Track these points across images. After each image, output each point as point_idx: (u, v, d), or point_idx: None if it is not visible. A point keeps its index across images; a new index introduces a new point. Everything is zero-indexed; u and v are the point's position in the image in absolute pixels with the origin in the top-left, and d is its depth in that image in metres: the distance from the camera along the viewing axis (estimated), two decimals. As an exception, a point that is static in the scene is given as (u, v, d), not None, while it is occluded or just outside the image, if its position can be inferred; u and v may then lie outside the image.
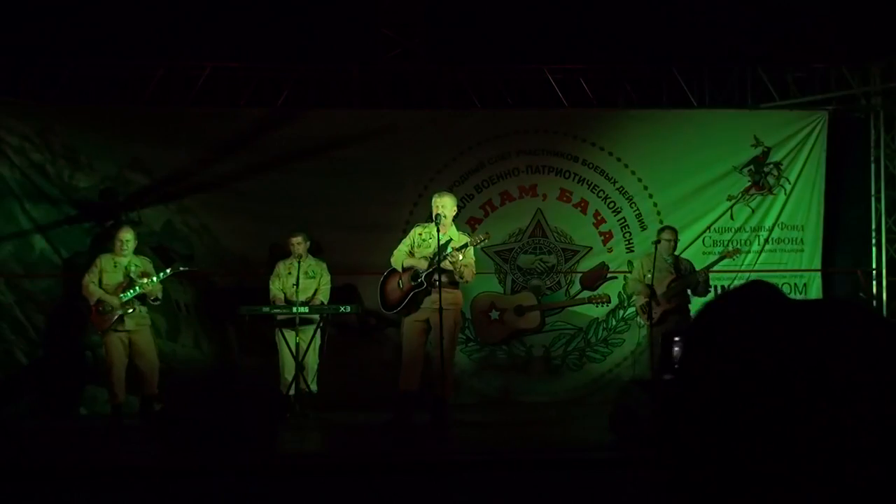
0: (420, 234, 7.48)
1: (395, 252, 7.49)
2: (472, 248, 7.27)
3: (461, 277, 7.31)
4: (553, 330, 9.32)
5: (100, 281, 7.77)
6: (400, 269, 7.36)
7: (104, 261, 7.85)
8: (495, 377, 9.25)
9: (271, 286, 8.30)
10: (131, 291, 7.65)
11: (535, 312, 9.29)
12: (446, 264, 7.19)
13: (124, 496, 5.02)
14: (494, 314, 9.30)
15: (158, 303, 7.90)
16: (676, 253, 8.53)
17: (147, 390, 7.76)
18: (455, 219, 7.65)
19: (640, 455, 5.75)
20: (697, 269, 8.45)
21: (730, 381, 1.05)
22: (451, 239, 7.30)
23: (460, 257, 7.16)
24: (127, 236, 7.89)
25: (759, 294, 1.12)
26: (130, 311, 7.65)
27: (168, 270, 7.84)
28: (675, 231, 8.48)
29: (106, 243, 8.31)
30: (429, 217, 7.51)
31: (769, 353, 1.05)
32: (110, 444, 6.92)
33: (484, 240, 7.31)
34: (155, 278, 7.77)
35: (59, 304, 8.82)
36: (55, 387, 8.68)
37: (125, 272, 7.76)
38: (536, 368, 9.27)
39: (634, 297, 9.06)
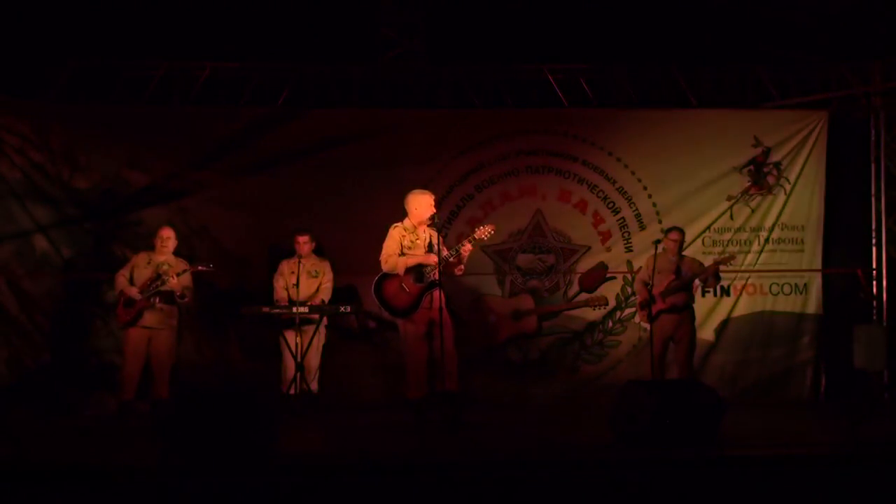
0: (404, 236, 7.42)
1: (388, 257, 7.34)
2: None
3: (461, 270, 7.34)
4: (550, 334, 9.31)
5: (132, 277, 7.81)
6: (402, 273, 7.28)
7: (139, 257, 7.92)
8: (493, 380, 9.23)
9: (275, 284, 8.32)
10: (153, 286, 7.69)
11: (532, 317, 9.28)
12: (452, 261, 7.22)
13: (124, 496, 5.01)
14: (491, 318, 9.29)
15: (186, 300, 7.88)
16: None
17: (156, 393, 7.74)
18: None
19: (640, 455, 5.75)
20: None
21: None
22: (433, 236, 7.31)
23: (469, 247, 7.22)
24: (166, 234, 7.93)
25: None
26: (150, 306, 7.66)
27: (187, 269, 7.86)
28: (681, 232, 8.48)
29: (111, 243, 8.34)
30: (404, 218, 7.46)
31: None
32: (110, 444, 6.91)
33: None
34: (177, 275, 7.76)
35: (63, 307, 8.82)
36: (61, 392, 8.64)
37: (156, 269, 7.79)
38: (532, 371, 9.25)
39: (632, 297, 9.07)
